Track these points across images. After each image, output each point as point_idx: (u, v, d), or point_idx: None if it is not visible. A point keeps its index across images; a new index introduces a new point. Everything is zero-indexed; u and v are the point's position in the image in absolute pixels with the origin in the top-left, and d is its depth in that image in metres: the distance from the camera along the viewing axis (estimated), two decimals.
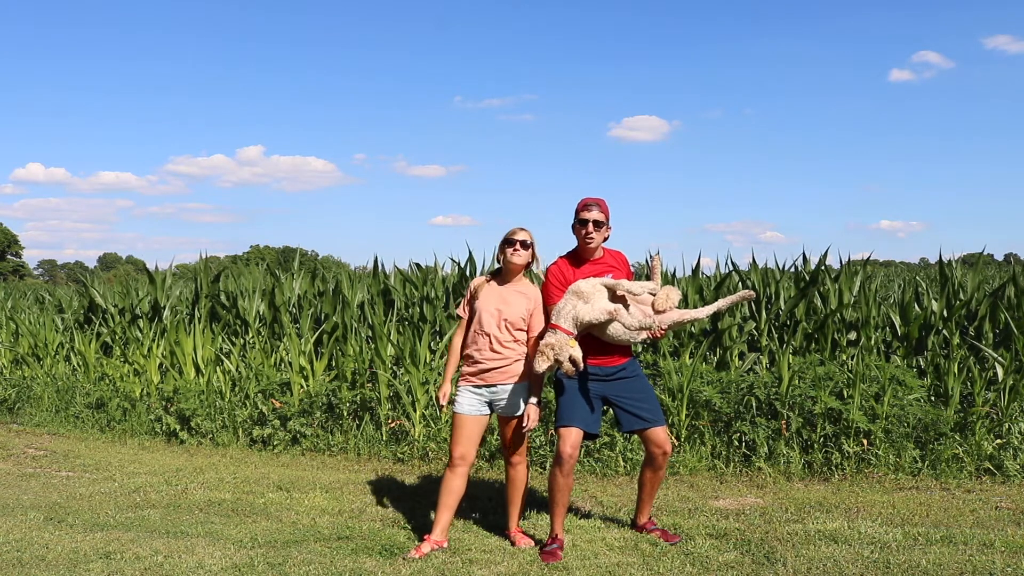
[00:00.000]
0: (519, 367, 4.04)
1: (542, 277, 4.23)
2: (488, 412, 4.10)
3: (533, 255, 4.09)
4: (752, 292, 4.27)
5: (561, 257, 4.18)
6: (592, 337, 3.97)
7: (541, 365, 3.74)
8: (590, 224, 4.02)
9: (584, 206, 4.06)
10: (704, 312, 4.16)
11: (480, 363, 4.04)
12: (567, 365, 3.72)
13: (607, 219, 4.07)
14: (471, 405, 4.06)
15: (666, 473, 4.68)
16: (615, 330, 3.89)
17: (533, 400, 4.03)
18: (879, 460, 5.43)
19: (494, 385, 4.04)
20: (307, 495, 5.10)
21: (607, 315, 3.81)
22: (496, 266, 4.25)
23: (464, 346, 4.16)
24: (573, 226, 4.10)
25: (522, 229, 4.06)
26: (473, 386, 4.07)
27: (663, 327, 3.93)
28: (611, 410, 4.22)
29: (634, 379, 4.10)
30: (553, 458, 4.00)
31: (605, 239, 4.13)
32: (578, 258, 4.13)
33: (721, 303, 4.24)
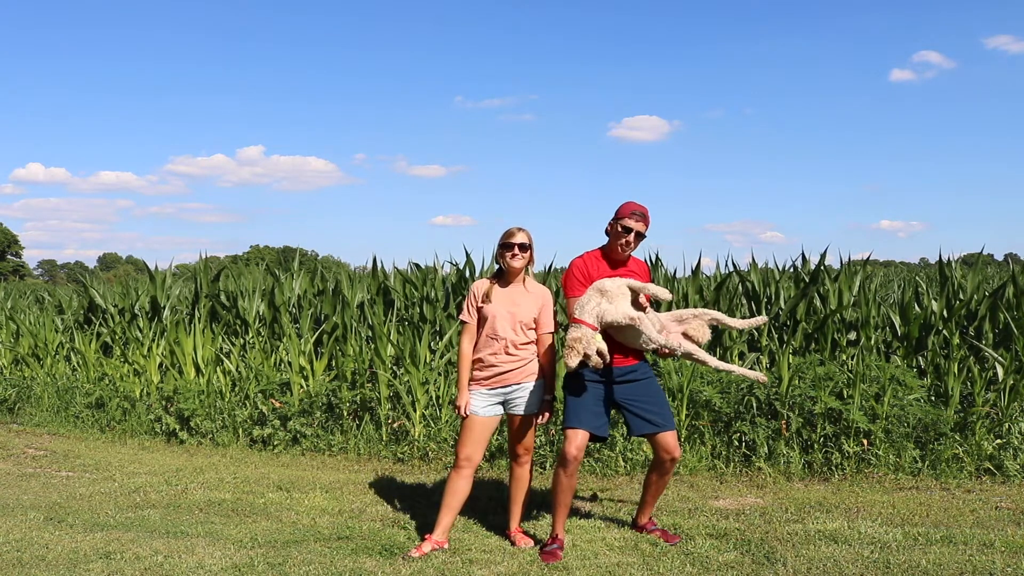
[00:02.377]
0: (534, 366, 4.05)
1: (534, 277, 4.21)
2: (500, 412, 4.09)
3: (531, 256, 4.07)
4: (765, 318, 4.35)
5: (588, 252, 4.14)
6: (607, 336, 3.94)
7: (572, 360, 3.69)
8: (632, 234, 3.98)
9: (631, 213, 3.97)
10: (715, 364, 4.10)
11: (496, 366, 4.01)
12: (595, 358, 3.70)
13: (646, 231, 4.04)
14: (483, 406, 4.04)
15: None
16: (633, 336, 3.88)
17: (548, 397, 4.07)
18: (879, 460, 5.43)
19: (509, 385, 4.03)
20: (307, 495, 5.10)
21: (628, 320, 3.79)
22: (496, 266, 4.23)
23: (474, 351, 4.10)
24: (612, 228, 4.03)
25: (520, 230, 4.02)
26: (488, 388, 4.04)
27: (678, 351, 3.93)
28: (620, 413, 4.18)
29: (645, 381, 4.07)
30: (558, 458, 3.99)
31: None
32: (607, 258, 4.09)
33: (735, 368, 4.23)
